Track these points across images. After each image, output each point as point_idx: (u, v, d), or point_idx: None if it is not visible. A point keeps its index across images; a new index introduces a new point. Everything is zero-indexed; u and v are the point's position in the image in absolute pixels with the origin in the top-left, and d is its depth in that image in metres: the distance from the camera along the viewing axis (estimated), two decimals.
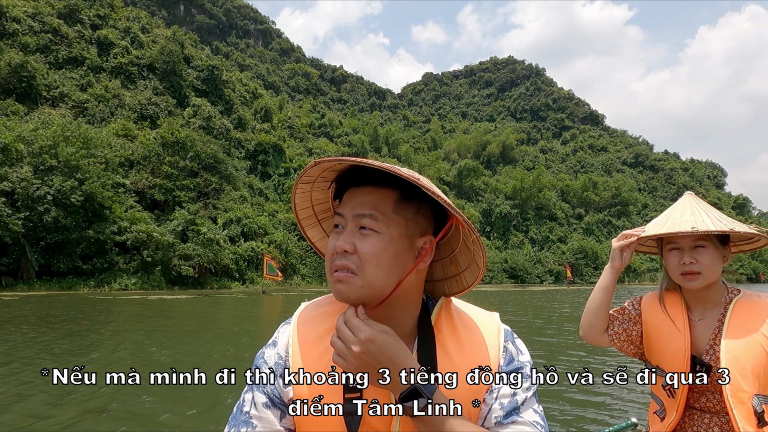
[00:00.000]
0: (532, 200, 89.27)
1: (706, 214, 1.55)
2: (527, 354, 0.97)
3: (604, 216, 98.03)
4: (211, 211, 42.35)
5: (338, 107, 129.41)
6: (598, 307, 1.74)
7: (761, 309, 1.53)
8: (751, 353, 1.46)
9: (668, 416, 1.63)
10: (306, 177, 0.92)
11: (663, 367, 1.64)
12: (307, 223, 1.04)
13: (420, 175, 0.85)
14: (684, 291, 1.66)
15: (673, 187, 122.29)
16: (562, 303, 23.50)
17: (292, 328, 0.94)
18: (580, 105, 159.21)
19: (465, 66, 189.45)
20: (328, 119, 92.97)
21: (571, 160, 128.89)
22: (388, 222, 0.86)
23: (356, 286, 0.83)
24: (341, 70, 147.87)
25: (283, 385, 0.89)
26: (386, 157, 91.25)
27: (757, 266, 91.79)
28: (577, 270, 76.52)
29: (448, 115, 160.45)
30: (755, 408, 1.43)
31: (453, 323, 0.95)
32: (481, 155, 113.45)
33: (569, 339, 10.85)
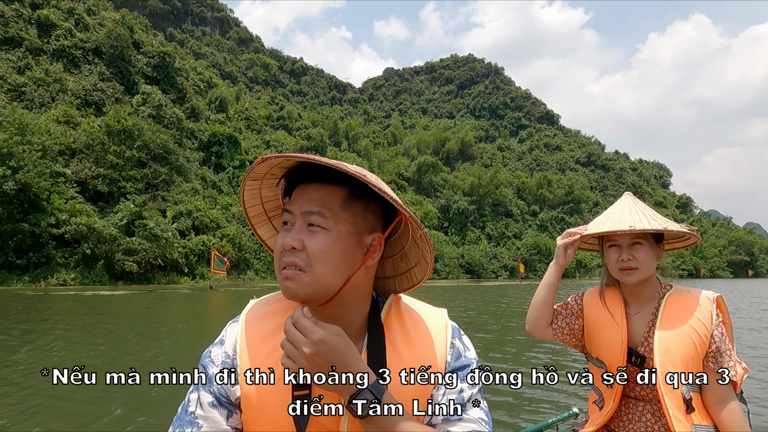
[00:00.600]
0: (489, 197, 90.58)
1: (642, 214, 1.65)
2: (473, 351, 0.98)
3: (557, 213, 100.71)
4: (160, 204, 40.61)
5: (298, 100, 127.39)
6: (543, 302, 1.82)
7: (690, 302, 1.62)
8: (680, 344, 1.56)
9: (606, 405, 1.73)
10: (254, 174, 0.91)
11: (602, 358, 1.73)
12: (257, 220, 1.04)
13: (368, 172, 0.85)
14: (622, 286, 1.76)
15: (622, 186, 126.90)
16: (511, 298, 23.78)
17: (240, 326, 0.93)
18: (537, 104, 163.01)
19: (426, 62, 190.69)
20: (287, 111, 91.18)
21: (527, 158, 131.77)
22: (336, 219, 0.86)
23: (305, 284, 0.83)
24: (301, 62, 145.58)
25: (230, 384, 0.88)
26: (346, 152, 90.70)
27: (697, 262, 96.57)
28: (531, 265, 78.20)
29: (409, 110, 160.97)
30: (684, 395, 1.53)
31: (402, 320, 0.95)
32: (440, 152, 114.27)
33: (507, 336, 10.80)
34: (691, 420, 1.52)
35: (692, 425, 1.51)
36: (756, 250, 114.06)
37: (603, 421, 1.72)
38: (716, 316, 1.60)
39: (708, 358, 1.57)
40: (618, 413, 1.74)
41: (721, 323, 1.60)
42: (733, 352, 1.61)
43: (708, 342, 1.57)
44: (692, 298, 1.64)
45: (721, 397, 1.54)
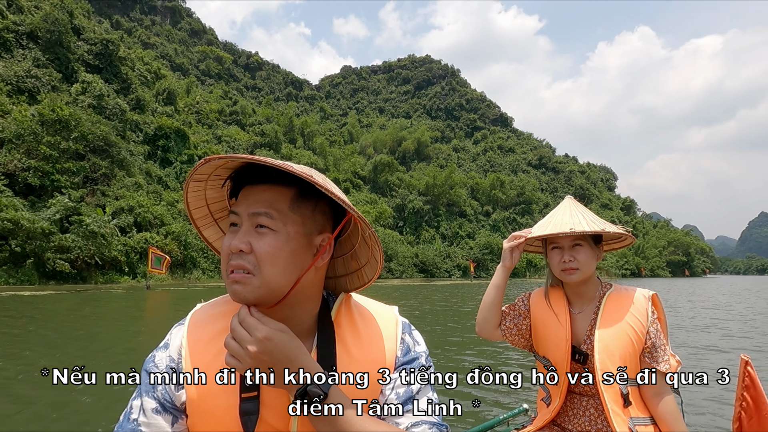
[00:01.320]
0: (444, 197, 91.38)
1: (582, 217, 1.73)
2: (423, 345, 1.00)
3: (509, 214, 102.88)
4: (99, 199, 38.41)
5: (252, 95, 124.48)
6: (491, 304, 1.87)
7: (628, 301, 1.71)
8: (619, 341, 1.64)
9: (553, 402, 1.80)
10: (198, 175, 0.90)
11: (548, 357, 1.80)
12: (202, 222, 1.01)
13: (315, 172, 0.85)
14: (565, 286, 1.83)
15: (571, 188, 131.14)
16: (460, 297, 23.78)
17: (185, 329, 0.91)
18: (492, 107, 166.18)
19: (384, 62, 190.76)
20: (241, 106, 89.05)
21: (481, 160, 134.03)
22: (284, 220, 0.85)
23: (254, 286, 0.82)
24: (256, 57, 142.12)
25: (175, 388, 0.86)
26: (301, 149, 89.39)
27: (639, 262, 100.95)
28: (483, 265, 79.43)
29: (366, 109, 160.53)
30: (621, 390, 1.62)
31: (353, 318, 0.96)
32: (396, 151, 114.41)
33: (440, 338, 10.56)
34: (629, 413, 1.60)
35: (630, 418, 1.59)
36: (692, 251, 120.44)
37: (550, 417, 1.79)
38: (651, 313, 1.69)
39: (644, 353, 1.65)
40: (564, 409, 1.80)
41: (656, 320, 1.69)
42: (667, 347, 1.68)
43: (644, 338, 1.65)
44: (629, 296, 1.73)
45: (657, 390, 1.62)
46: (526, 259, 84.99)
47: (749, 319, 14.47)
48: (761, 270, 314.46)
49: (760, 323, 13.37)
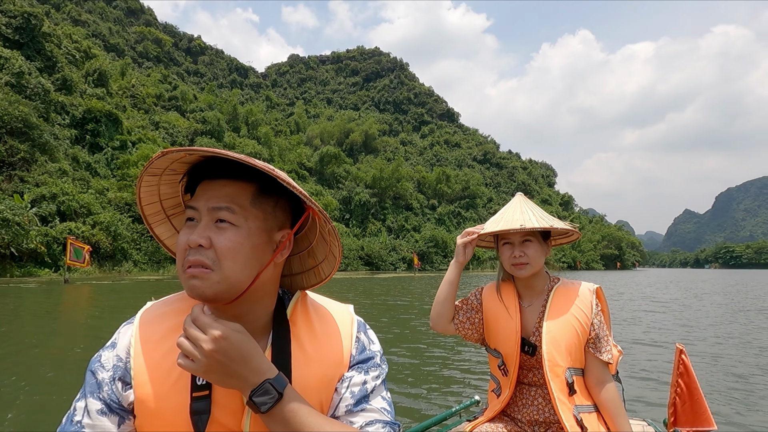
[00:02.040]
0: (390, 190, 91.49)
1: (532, 213, 1.80)
2: (378, 344, 1.00)
3: (454, 207, 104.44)
4: (16, 185, 35.38)
5: (194, 80, 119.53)
6: (445, 298, 1.91)
7: (574, 294, 1.79)
8: (565, 333, 1.71)
9: (503, 392, 1.85)
10: (152, 169, 0.87)
11: (499, 349, 1.86)
12: (154, 219, 0.99)
13: (275, 168, 0.83)
14: (516, 280, 1.89)
15: (513, 184, 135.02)
16: (400, 291, 23.61)
17: (135, 327, 0.89)
18: (439, 102, 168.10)
19: (332, 52, 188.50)
20: (181, 92, 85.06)
21: (428, 154, 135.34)
22: (246, 215, 0.84)
23: (213, 282, 0.81)
24: (199, 41, 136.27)
25: (122, 388, 0.84)
26: (245, 138, 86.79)
27: (575, 255, 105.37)
28: (428, 258, 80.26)
29: (314, 100, 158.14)
30: (567, 379, 1.68)
31: (308, 316, 0.95)
32: (344, 143, 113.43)
33: (388, 332, 10.22)
34: (573, 401, 1.67)
35: (574, 406, 1.66)
36: (624, 245, 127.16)
37: (500, 407, 1.84)
38: (596, 306, 1.77)
39: (589, 344, 1.73)
40: (513, 399, 1.86)
41: (600, 312, 1.78)
42: (610, 338, 1.78)
43: (588, 330, 1.73)
44: (575, 290, 1.80)
45: (600, 378, 1.70)
46: None
47: (677, 309, 15.10)
48: (684, 263, 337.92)
49: (687, 314, 13.96)
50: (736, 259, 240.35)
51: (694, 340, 9.15)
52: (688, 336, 9.74)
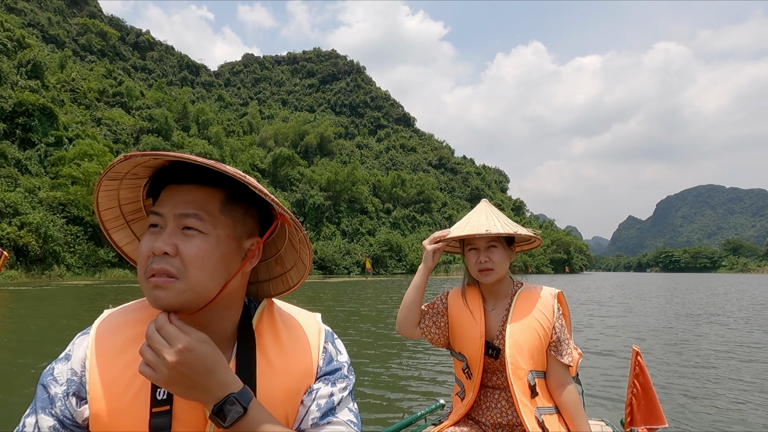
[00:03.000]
0: (345, 193, 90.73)
1: (497, 219, 1.83)
2: (346, 354, 0.98)
3: (409, 212, 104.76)
4: None
5: (141, 76, 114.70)
6: (412, 303, 1.92)
7: (536, 298, 1.83)
8: (527, 336, 1.75)
9: (467, 395, 1.87)
10: (113, 173, 0.84)
11: (464, 352, 1.87)
12: (112, 225, 0.94)
13: (247, 175, 0.82)
14: (481, 285, 1.92)
15: (468, 189, 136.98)
16: (349, 296, 22.92)
17: (91, 338, 0.84)
18: (395, 106, 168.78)
19: (288, 53, 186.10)
20: (127, 88, 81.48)
21: (383, 158, 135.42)
22: (215, 222, 0.81)
23: (178, 291, 0.77)
24: (147, 36, 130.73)
25: (77, 403, 0.80)
26: (195, 138, 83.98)
27: (526, 260, 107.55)
28: (382, 262, 79.89)
29: (268, 100, 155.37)
30: (529, 382, 1.72)
31: (275, 326, 0.93)
32: (298, 145, 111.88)
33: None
34: (536, 404, 1.70)
35: (536, 408, 1.69)
36: (572, 250, 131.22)
37: (464, 410, 1.86)
38: (557, 310, 1.80)
39: (550, 347, 1.76)
40: (477, 403, 1.88)
41: (561, 316, 1.81)
42: (570, 341, 1.82)
43: (550, 333, 1.76)
44: (538, 294, 1.84)
45: (560, 381, 1.74)
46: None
47: (625, 312, 15.15)
48: (627, 267, 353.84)
49: (636, 317, 13.99)
50: (675, 263, 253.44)
51: (643, 342, 9.36)
52: (638, 338, 9.92)
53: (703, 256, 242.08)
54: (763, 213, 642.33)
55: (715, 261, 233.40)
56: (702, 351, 8.43)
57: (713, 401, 5.33)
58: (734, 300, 21.40)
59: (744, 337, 9.98)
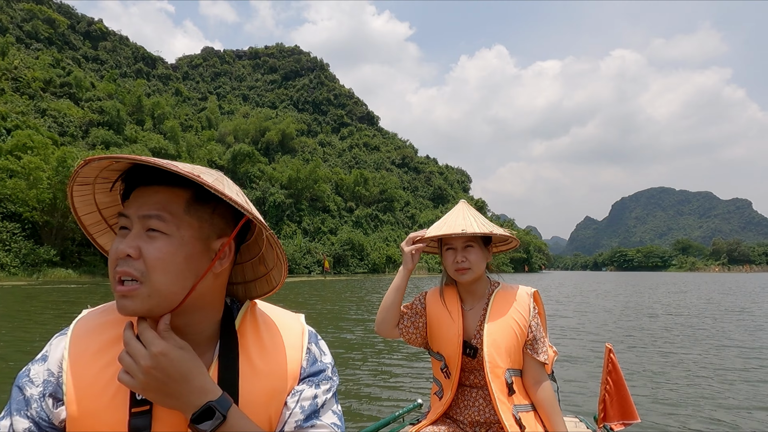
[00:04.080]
0: (307, 191, 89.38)
1: (474, 219, 1.85)
2: (329, 355, 0.97)
3: (372, 211, 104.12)
4: None
5: (93, 67, 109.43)
6: (391, 304, 1.93)
7: (512, 298, 1.85)
8: (504, 335, 1.77)
9: (445, 394, 1.89)
10: (81, 178, 0.83)
11: (442, 352, 1.89)
12: (96, 229, 0.94)
13: (210, 171, 0.82)
14: (458, 285, 1.94)
15: (430, 188, 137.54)
16: (306, 296, 22.01)
17: (68, 339, 0.83)
18: (359, 104, 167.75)
19: (250, 47, 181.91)
20: (76, 78, 77.61)
21: (346, 156, 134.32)
22: (178, 223, 0.80)
23: (143, 297, 0.76)
24: (100, 25, 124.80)
25: (53, 405, 0.79)
26: (150, 132, 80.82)
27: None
28: (344, 261, 78.97)
29: (228, 95, 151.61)
30: (507, 380, 1.74)
31: (257, 327, 0.92)
32: (259, 141, 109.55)
33: None
34: (513, 401, 1.73)
35: (513, 406, 1.72)
36: (531, 249, 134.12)
37: (443, 409, 1.87)
38: (533, 309, 1.83)
39: (527, 345, 1.79)
40: (456, 401, 1.90)
41: (537, 314, 1.85)
42: (546, 339, 1.85)
43: (526, 331, 1.78)
44: (514, 293, 1.86)
45: (537, 378, 1.77)
46: (386, 255, 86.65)
47: (587, 310, 14.98)
48: (584, 266, 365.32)
49: (601, 315, 13.84)
50: (629, 262, 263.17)
51: (606, 339, 9.50)
52: (598, 336, 10.08)
53: (655, 256, 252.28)
54: (709, 215, 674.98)
55: (666, 260, 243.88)
56: (666, 347, 8.70)
57: (678, 393, 5.61)
58: (693, 298, 21.75)
59: (713, 335, 10.23)
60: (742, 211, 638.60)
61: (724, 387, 5.87)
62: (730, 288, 33.03)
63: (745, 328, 11.20)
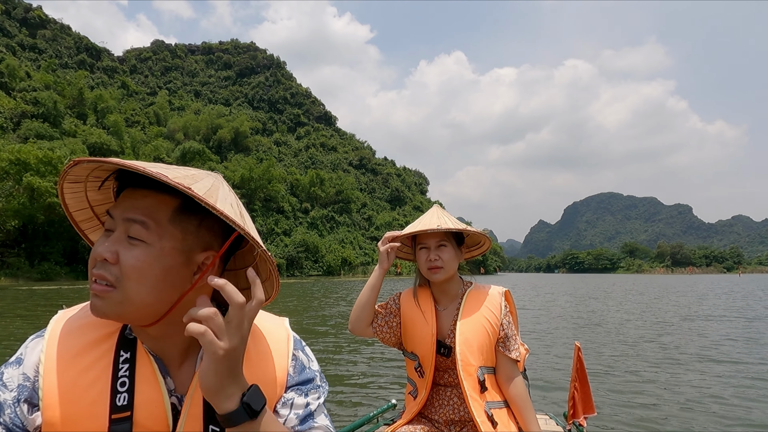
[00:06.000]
0: (260, 191, 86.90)
1: (447, 218, 1.88)
2: (316, 362, 0.96)
3: (328, 212, 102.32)
4: None
5: (30, 56, 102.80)
6: (366, 303, 1.95)
7: (484, 297, 1.88)
8: (476, 334, 1.80)
9: (420, 394, 1.90)
10: (72, 177, 0.81)
11: (416, 352, 1.91)
12: (87, 225, 0.92)
13: (206, 180, 0.79)
14: (432, 286, 1.96)
15: (388, 190, 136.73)
16: None
17: (45, 341, 0.80)
18: (317, 104, 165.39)
19: (203, 42, 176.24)
20: (9, 67, 72.56)
21: (303, 156, 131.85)
22: (161, 233, 0.77)
23: (114, 302, 0.74)
24: (39, 12, 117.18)
25: (28, 410, 0.76)
26: (92, 127, 76.20)
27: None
28: (297, 263, 76.92)
29: (179, 91, 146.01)
30: (479, 378, 1.77)
31: None
32: (211, 139, 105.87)
33: None
34: (485, 398, 1.76)
35: (486, 402, 1.75)
36: (487, 251, 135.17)
37: (417, 409, 1.89)
38: (504, 307, 1.86)
39: (499, 343, 1.82)
40: (430, 400, 1.92)
41: (508, 313, 1.88)
42: (517, 337, 1.87)
43: (498, 330, 1.82)
44: (486, 293, 1.90)
45: (508, 375, 1.80)
46: (341, 257, 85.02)
47: (543, 310, 14.15)
48: (538, 268, 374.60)
49: (558, 315, 13.06)
50: (580, 265, 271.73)
51: (568, 337, 10.03)
52: (560, 334, 10.33)
53: (604, 258, 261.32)
54: (654, 219, 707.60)
55: (615, 262, 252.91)
56: (619, 344, 9.22)
57: (632, 387, 5.93)
58: (651, 300, 21.68)
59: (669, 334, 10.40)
60: (684, 216, 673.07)
61: (677, 379, 6.36)
62: (683, 290, 33.37)
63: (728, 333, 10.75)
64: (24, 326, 10.91)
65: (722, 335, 10.28)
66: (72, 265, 48.57)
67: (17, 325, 11.09)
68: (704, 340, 9.57)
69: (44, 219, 45.00)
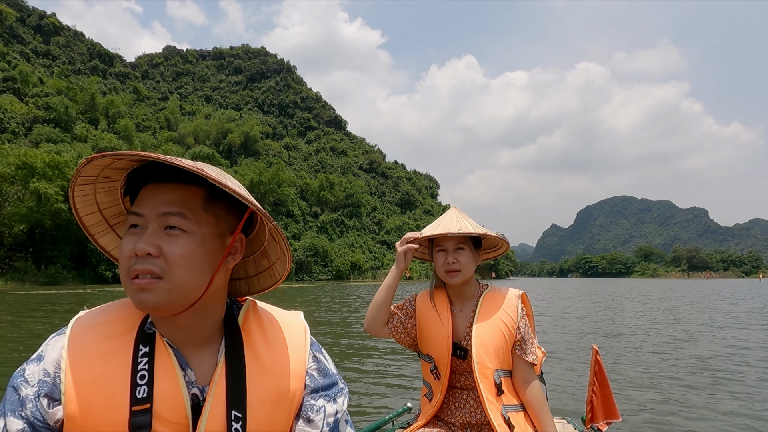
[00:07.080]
0: (270, 195, 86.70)
1: (467, 222, 1.87)
2: (333, 364, 0.98)
3: (337, 216, 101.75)
4: None
5: (44, 63, 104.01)
6: (381, 303, 1.95)
7: (501, 299, 1.87)
8: (493, 336, 1.79)
9: (435, 397, 1.90)
10: (83, 177, 0.82)
11: (431, 354, 1.91)
12: (97, 230, 0.93)
13: (213, 168, 0.81)
14: (448, 287, 1.96)
15: (398, 194, 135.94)
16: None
17: (66, 338, 0.82)
18: (327, 108, 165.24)
19: (214, 48, 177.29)
20: (22, 73, 73.49)
21: (313, 160, 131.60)
22: (198, 221, 0.80)
23: (163, 291, 0.77)
24: (52, 19, 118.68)
25: (48, 405, 0.78)
26: (104, 132, 77.06)
27: None
28: (306, 268, 76.34)
29: (190, 96, 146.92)
30: (495, 381, 1.76)
31: (261, 325, 0.92)
32: (221, 144, 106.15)
33: None
34: (502, 401, 1.75)
35: (502, 406, 1.74)
36: (499, 256, 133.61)
37: (433, 412, 1.88)
38: (521, 310, 1.85)
39: (515, 346, 1.81)
40: (446, 403, 1.91)
41: (525, 316, 1.86)
42: (534, 340, 1.87)
43: (515, 332, 1.81)
44: (503, 295, 1.89)
45: (525, 378, 1.79)
46: (351, 261, 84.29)
47: (560, 315, 13.29)
48: (551, 272, 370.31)
49: (573, 319, 12.29)
50: (593, 269, 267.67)
51: (583, 342, 9.89)
52: (581, 339, 10.24)
53: (618, 262, 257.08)
54: (669, 223, 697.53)
55: (629, 267, 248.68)
56: (644, 350, 8.99)
57: (656, 392, 5.84)
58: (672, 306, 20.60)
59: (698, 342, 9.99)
60: (700, 219, 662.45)
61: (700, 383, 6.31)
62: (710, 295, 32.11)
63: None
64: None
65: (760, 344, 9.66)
66: (79, 269, 48.47)
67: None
68: (741, 350, 8.96)
69: (51, 224, 44.91)
